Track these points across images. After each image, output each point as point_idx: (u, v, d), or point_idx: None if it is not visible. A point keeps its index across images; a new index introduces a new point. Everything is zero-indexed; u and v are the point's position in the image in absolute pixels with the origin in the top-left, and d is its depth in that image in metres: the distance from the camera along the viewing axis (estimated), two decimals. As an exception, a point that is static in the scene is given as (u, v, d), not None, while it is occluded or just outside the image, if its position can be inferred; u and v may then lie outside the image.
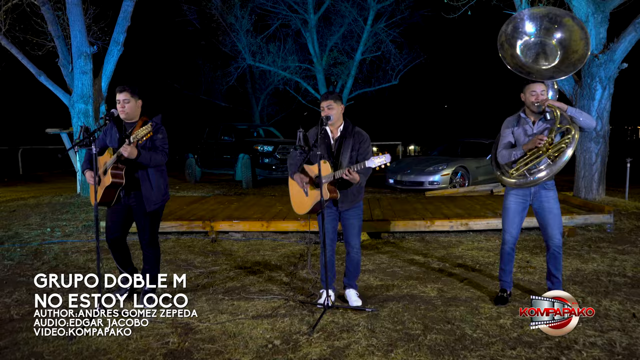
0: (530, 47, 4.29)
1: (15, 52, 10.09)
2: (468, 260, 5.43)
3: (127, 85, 4.08)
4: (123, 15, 10.32)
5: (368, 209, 7.60)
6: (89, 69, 9.95)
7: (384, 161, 3.63)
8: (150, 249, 4.22)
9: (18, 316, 3.98)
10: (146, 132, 3.77)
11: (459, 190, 10.34)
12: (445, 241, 6.37)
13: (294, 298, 4.33)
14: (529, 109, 3.94)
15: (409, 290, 4.47)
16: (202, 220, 6.79)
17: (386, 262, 5.41)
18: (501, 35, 4.39)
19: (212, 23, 20.07)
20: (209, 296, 4.41)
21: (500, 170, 4.09)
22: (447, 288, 4.51)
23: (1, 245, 6.35)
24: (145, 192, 4.08)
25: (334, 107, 4.01)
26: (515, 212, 4.01)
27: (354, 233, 4.16)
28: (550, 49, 4.24)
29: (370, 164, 3.66)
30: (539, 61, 4.25)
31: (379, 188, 12.32)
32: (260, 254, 5.89)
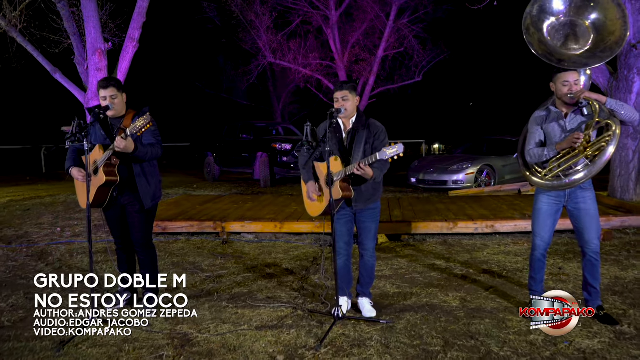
0: (558, 29, 3.83)
1: (30, 49, 9.99)
2: (494, 265, 5.02)
3: (111, 79, 3.83)
4: (138, 11, 10.11)
5: (387, 209, 7.22)
6: (104, 65, 9.78)
7: (397, 152, 3.26)
8: (144, 252, 3.95)
9: (9, 323, 3.75)
10: (145, 123, 3.48)
11: (484, 189, 9.87)
12: (470, 244, 5.95)
13: (303, 307, 4.00)
14: (560, 100, 3.52)
15: (429, 300, 4.09)
16: (214, 221, 6.51)
17: (405, 267, 5.03)
18: (526, 17, 3.94)
19: (232, 20, 19.86)
20: (213, 303, 4.12)
21: (530, 170, 3.68)
22: (471, 297, 4.11)
23: (8, 246, 6.19)
24: (141, 188, 3.81)
25: (350, 98, 3.67)
26: (547, 215, 3.60)
27: (369, 236, 3.81)
28: (581, 30, 3.78)
29: (382, 155, 3.30)
30: (568, 44, 3.79)
31: (400, 187, 11.92)
32: (272, 257, 5.58)
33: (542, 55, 3.76)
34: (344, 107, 3.62)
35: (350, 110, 3.67)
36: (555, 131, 3.52)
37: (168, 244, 6.22)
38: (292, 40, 21.57)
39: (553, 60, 3.69)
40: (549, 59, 3.71)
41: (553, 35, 3.82)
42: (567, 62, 3.64)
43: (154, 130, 3.87)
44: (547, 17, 3.86)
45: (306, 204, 3.92)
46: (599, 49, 3.70)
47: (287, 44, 21.33)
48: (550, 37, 3.81)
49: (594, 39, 3.75)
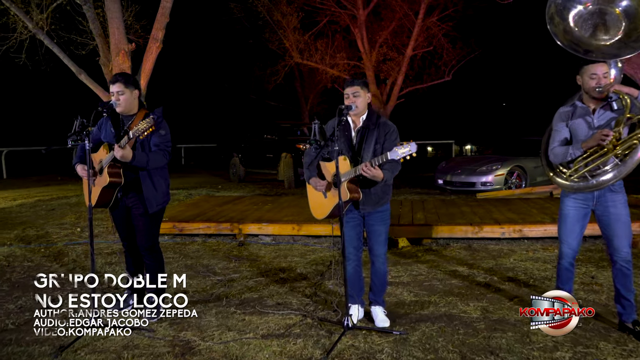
0: (586, 18, 3.50)
1: (57, 50, 10.10)
2: (520, 273, 4.71)
3: (119, 75, 3.69)
4: (162, 12, 10.11)
5: (410, 211, 6.96)
6: (127, 66, 9.79)
7: (409, 151, 3.03)
8: (150, 256, 3.81)
9: (13, 326, 3.68)
10: (147, 126, 3.34)
11: (514, 191, 9.47)
12: (495, 250, 5.65)
13: (313, 314, 3.80)
14: (587, 95, 3.23)
15: (448, 309, 3.84)
16: (230, 223, 6.39)
17: (424, 274, 4.78)
18: (550, 5, 3.63)
19: (258, 21, 19.83)
20: (220, 309, 3.96)
21: (554, 171, 3.40)
22: (493, 307, 3.84)
23: (27, 246, 6.20)
24: (146, 191, 3.67)
25: (361, 94, 3.46)
26: (574, 220, 3.31)
27: (379, 240, 3.59)
28: (612, 18, 3.46)
29: (393, 155, 3.08)
30: (597, 35, 3.47)
31: (427, 189, 11.58)
32: (287, 261, 5.40)
33: (568, 46, 3.46)
34: (355, 103, 3.41)
35: (361, 108, 3.46)
36: (582, 128, 3.23)
37: (184, 246, 6.12)
38: (319, 40, 21.40)
39: (580, 51, 3.39)
40: (576, 50, 3.41)
41: (580, 25, 3.50)
42: (595, 53, 3.34)
43: (164, 134, 3.73)
44: (573, 5, 3.55)
45: (311, 205, 3.73)
46: (632, 38, 3.38)
47: (314, 44, 21.19)
48: (577, 27, 3.50)
49: (626, 28, 3.42)
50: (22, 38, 10.92)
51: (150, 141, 3.68)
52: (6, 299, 4.27)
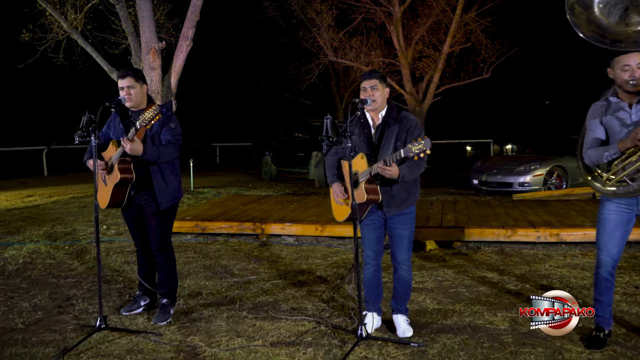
0: (613, 3, 3.13)
1: (90, 50, 10.26)
2: (555, 281, 4.37)
3: (129, 69, 3.58)
4: (192, 10, 10.11)
5: (440, 213, 6.65)
6: (158, 64, 9.83)
7: (423, 148, 2.78)
8: (162, 256, 3.68)
9: (23, 325, 3.61)
10: (153, 114, 3.19)
11: (553, 192, 8.98)
12: (530, 255, 5.29)
13: (327, 321, 3.59)
14: (621, 89, 2.90)
15: (473, 319, 3.56)
16: (253, 222, 6.25)
17: (451, 280, 4.49)
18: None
19: (292, 19, 19.73)
20: (232, 312, 3.80)
21: (591, 174, 3.08)
22: (523, 319, 3.52)
23: (53, 243, 6.23)
24: (157, 187, 3.55)
25: (379, 88, 3.23)
26: (615, 225, 2.98)
27: (402, 246, 3.34)
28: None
29: (406, 152, 2.84)
30: (629, 18, 3.08)
31: (461, 189, 11.19)
32: (308, 262, 5.21)
33: (592, 37, 3.08)
34: (373, 97, 3.18)
35: (380, 102, 3.23)
36: (616, 126, 2.91)
37: (206, 245, 6.01)
38: (354, 37, 21.13)
39: (606, 42, 3.02)
40: (602, 42, 3.04)
41: (608, 12, 3.13)
42: (624, 43, 2.97)
43: (174, 127, 3.61)
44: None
45: (333, 207, 3.52)
46: None
47: (349, 42, 20.93)
48: (603, 15, 3.13)
49: None
50: (59, 38, 11.15)
51: (160, 135, 3.56)
52: (22, 297, 4.24)
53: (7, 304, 4.07)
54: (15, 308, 3.97)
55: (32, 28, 10.97)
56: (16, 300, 4.14)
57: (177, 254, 5.53)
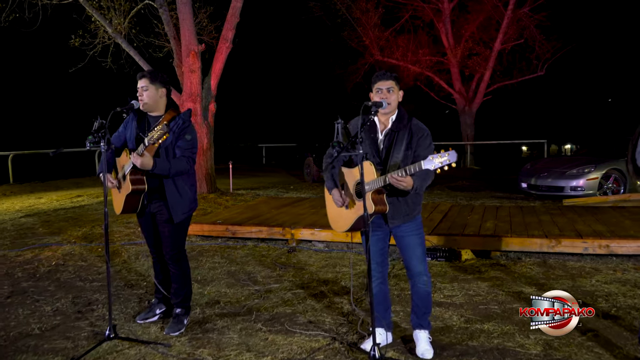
0: None
1: (133, 53, 10.47)
2: (601, 299, 3.97)
3: (147, 71, 3.52)
4: (232, 12, 10.15)
5: (480, 219, 6.28)
6: (198, 67, 9.91)
7: (448, 161, 2.54)
8: (175, 264, 3.59)
9: (39, 331, 3.62)
10: (161, 133, 3.12)
11: (608, 198, 8.35)
12: (576, 267, 4.88)
13: (343, 338, 3.39)
14: None
15: (502, 341, 3.26)
16: (283, 227, 6.11)
17: (483, 294, 4.18)
18: None
19: (337, 19, 19.55)
20: (247, 324, 3.67)
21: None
22: (559, 343, 3.20)
23: (87, 244, 6.33)
24: (170, 199, 3.46)
25: (395, 91, 3.02)
26: None
27: (415, 255, 3.10)
28: None
29: (428, 165, 2.60)
30: None
31: (509, 193, 10.65)
32: (335, 271, 5.02)
33: None
34: (388, 100, 2.97)
35: (394, 106, 3.01)
36: None
37: (234, 250, 5.93)
38: (401, 36, 20.73)
39: None
40: None
41: None
42: None
43: (189, 140, 3.50)
44: None
45: (330, 216, 3.32)
46: None
47: (395, 41, 20.55)
48: None
49: None
50: (106, 43, 11.45)
51: (175, 146, 3.47)
52: (46, 300, 4.27)
53: (31, 307, 4.11)
54: (37, 312, 4.00)
55: (81, 34, 11.32)
56: (40, 304, 4.18)
57: (204, 259, 5.50)
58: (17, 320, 3.82)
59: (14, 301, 4.25)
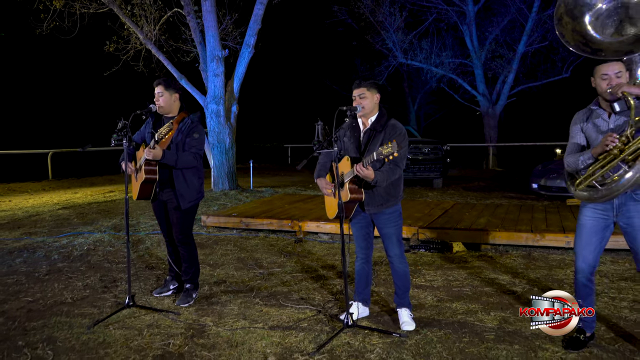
0: (607, 15, 3.21)
1: (162, 58, 11.19)
2: (567, 285, 4.36)
3: (162, 78, 4.09)
4: (254, 19, 10.74)
5: (477, 216, 6.68)
6: (221, 71, 10.55)
7: (391, 151, 3.01)
8: (183, 247, 4.16)
9: (71, 300, 4.25)
10: (168, 129, 3.73)
11: (611, 199, 8.56)
12: (556, 260, 5.25)
13: (327, 311, 3.90)
14: (602, 98, 2.97)
15: (464, 317, 3.71)
16: (291, 220, 6.65)
17: (461, 280, 4.62)
18: (559, 6, 3.39)
19: (361, 22, 20.01)
20: (247, 299, 4.21)
21: (571, 180, 3.15)
22: (514, 319, 3.63)
23: (116, 233, 7.01)
24: (179, 187, 4.03)
25: (367, 96, 3.50)
26: (591, 232, 3.04)
27: (391, 242, 3.59)
28: (635, 9, 3.11)
29: (378, 155, 3.08)
30: (624, 29, 3.16)
31: (520, 194, 10.92)
32: (335, 259, 5.52)
33: (575, 46, 3.21)
34: (361, 105, 3.46)
35: (368, 109, 3.49)
36: (593, 134, 3.00)
37: (246, 240, 6.50)
38: (424, 39, 21.03)
39: (587, 51, 3.13)
40: (584, 50, 3.15)
41: (603, 24, 3.21)
42: (605, 52, 3.05)
43: (197, 138, 4.05)
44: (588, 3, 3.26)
45: (326, 205, 3.85)
46: None
47: (419, 44, 20.86)
48: (595, 30, 3.22)
49: None
50: (138, 48, 12.23)
51: (184, 143, 4.04)
52: (78, 278, 4.91)
53: (65, 282, 4.75)
54: (70, 286, 4.63)
55: (115, 40, 12.13)
56: (72, 280, 4.82)
57: (218, 247, 6.08)
58: (53, 292, 4.47)
59: (51, 277, 4.91)
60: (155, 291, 4.38)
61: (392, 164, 3.32)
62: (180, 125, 4.03)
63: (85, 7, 11.15)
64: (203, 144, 4.11)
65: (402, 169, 3.40)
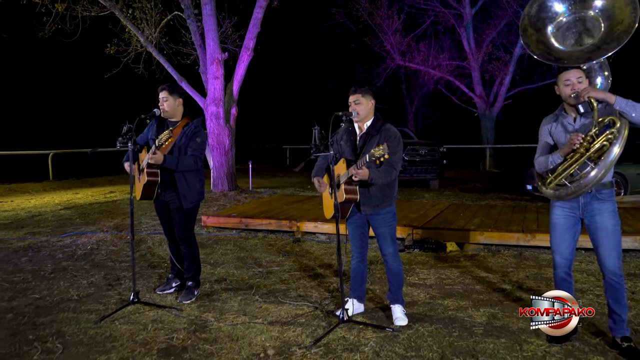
0: (567, 28, 3.45)
1: (162, 61, 11.34)
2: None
3: (166, 84, 4.26)
4: (253, 22, 10.90)
5: (471, 216, 6.85)
6: (221, 74, 10.72)
7: (382, 153, 3.18)
8: (185, 246, 4.32)
9: (77, 297, 4.41)
10: (167, 137, 3.91)
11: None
12: (546, 259, 5.42)
13: (324, 307, 4.07)
14: (566, 103, 3.17)
15: (455, 313, 3.88)
16: (289, 220, 6.81)
17: (452, 278, 4.79)
18: (524, 18, 3.64)
19: (359, 25, 20.20)
20: (247, 296, 4.38)
21: (542, 180, 3.36)
22: (502, 315, 3.80)
23: (118, 233, 7.17)
24: (181, 189, 4.19)
25: (362, 102, 3.67)
26: (564, 229, 3.26)
27: (385, 242, 3.77)
28: (591, 22, 3.35)
29: (370, 157, 3.26)
30: (583, 41, 3.40)
31: (515, 195, 11.11)
32: (332, 259, 5.69)
33: (539, 54, 3.44)
34: (356, 110, 3.63)
35: (363, 114, 3.66)
36: (561, 135, 3.21)
37: (246, 240, 6.66)
38: (422, 41, 21.22)
39: (551, 59, 3.36)
40: (547, 59, 3.38)
41: (564, 35, 3.45)
42: (566, 59, 3.27)
43: (198, 142, 4.22)
44: (550, 16, 3.50)
45: (323, 205, 4.02)
46: (606, 40, 3.26)
47: (417, 46, 21.05)
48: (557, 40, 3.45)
49: (606, 29, 3.29)
50: (139, 51, 12.38)
51: (186, 147, 4.20)
52: (83, 276, 5.07)
53: (70, 280, 4.91)
54: (75, 284, 4.80)
55: (116, 42, 12.29)
56: (77, 278, 4.98)
57: (219, 247, 6.24)
58: (59, 289, 4.63)
59: (57, 276, 5.07)
60: (158, 289, 4.55)
61: (388, 166, 3.49)
62: (185, 128, 4.19)
63: (87, 10, 11.30)
64: (204, 148, 4.28)
65: (397, 170, 3.57)
